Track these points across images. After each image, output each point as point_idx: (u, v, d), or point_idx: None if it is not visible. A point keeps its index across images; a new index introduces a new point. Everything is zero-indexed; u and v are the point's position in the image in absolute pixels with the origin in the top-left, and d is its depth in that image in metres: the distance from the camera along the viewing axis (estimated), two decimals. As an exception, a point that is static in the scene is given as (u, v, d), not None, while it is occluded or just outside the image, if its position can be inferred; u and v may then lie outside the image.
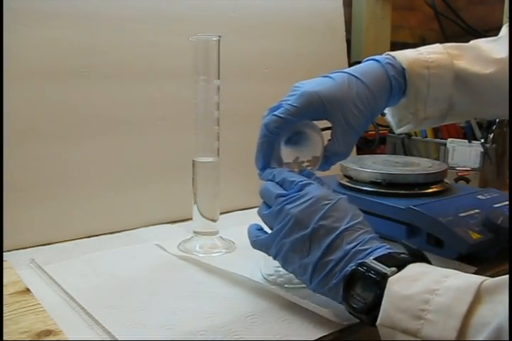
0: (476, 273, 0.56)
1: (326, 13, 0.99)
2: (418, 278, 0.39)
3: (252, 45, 0.87)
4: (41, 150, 0.68)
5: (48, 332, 0.44)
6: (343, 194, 0.48)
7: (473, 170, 0.85)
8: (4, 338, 0.42)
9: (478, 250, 0.58)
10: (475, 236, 0.57)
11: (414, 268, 0.41)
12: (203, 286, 0.55)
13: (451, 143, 0.88)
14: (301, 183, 0.48)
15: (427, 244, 0.60)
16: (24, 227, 0.66)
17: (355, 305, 0.41)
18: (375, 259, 0.42)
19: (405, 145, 0.95)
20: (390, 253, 0.43)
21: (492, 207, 0.62)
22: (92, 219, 0.72)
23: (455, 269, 0.40)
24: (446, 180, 0.72)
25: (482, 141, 0.85)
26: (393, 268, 0.41)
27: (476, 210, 0.61)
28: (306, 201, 0.47)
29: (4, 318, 0.46)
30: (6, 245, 0.63)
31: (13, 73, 0.65)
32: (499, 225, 0.58)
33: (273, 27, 0.89)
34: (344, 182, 0.72)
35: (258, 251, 0.51)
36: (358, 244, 0.44)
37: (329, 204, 0.46)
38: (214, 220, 0.64)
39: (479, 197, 0.66)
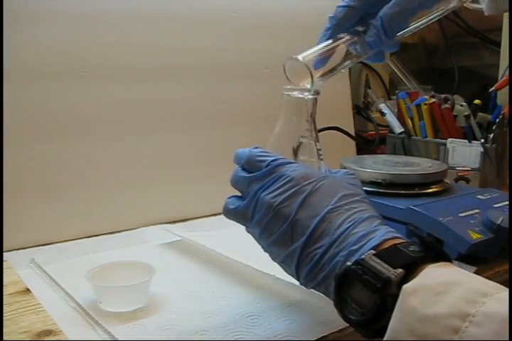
0: (476, 273, 0.56)
1: (326, 13, 0.98)
2: (443, 290, 0.30)
3: (252, 45, 0.87)
4: (41, 150, 0.68)
5: (48, 332, 0.44)
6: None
7: (473, 170, 0.85)
8: (4, 338, 0.42)
9: (478, 250, 0.57)
10: (475, 236, 0.57)
11: (435, 273, 0.32)
12: (203, 286, 0.55)
13: (451, 143, 0.88)
14: (273, 163, 0.40)
15: (427, 244, 0.60)
16: (24, 227, 0.66)
17: (349, 315, 0.34)
18: (376, 255, 0.34)
19: (405, 145, 0.95)
20: (395, 245, 0.35)
21: (492, 207, 0.62)
22: (92, 219, 0.71)
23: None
24: (446, 180, 0.72)
25: (482, 141, 0.85)
26: (399, 270, 0.32)
27: (476, 210, 0.61)
28: (282, 186, 0.39)
29: (4, 318, 0.46)
30: (6, 245, 0.63)
31: (13, 73, 0.65)
32: (499, 225, 0.58)
33: (273, 27, 0.89)
34: (344, 182, 0.71)
35: None
36: (351, 226, 0.37)
37: (310, 186, 0.39)
38: None
39: (479, 197, 0.66)
